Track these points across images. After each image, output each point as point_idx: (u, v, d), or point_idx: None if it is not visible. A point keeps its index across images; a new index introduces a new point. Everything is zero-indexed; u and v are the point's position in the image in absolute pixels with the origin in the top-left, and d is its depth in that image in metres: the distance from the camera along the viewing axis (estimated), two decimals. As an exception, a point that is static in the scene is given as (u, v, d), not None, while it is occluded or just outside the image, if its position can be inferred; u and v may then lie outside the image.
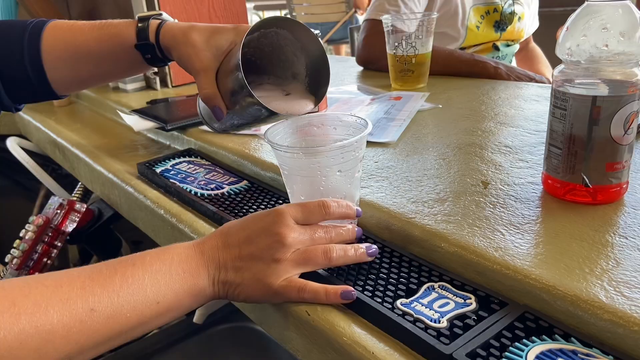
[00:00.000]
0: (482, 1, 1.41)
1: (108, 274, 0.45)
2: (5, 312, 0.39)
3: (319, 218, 0.52)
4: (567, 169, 0.57)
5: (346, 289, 0.48)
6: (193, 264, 0.49)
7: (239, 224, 0.52)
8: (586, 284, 0.44)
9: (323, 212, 0.52)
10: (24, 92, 0.72)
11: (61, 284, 0.43)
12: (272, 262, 0.49)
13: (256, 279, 0.49)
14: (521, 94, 1.02)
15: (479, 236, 0.52)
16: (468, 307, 0.46)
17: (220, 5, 1.32)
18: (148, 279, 0.46)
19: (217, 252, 0.50)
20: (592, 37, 0.52)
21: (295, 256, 0.50)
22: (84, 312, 0.42)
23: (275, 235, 0.49)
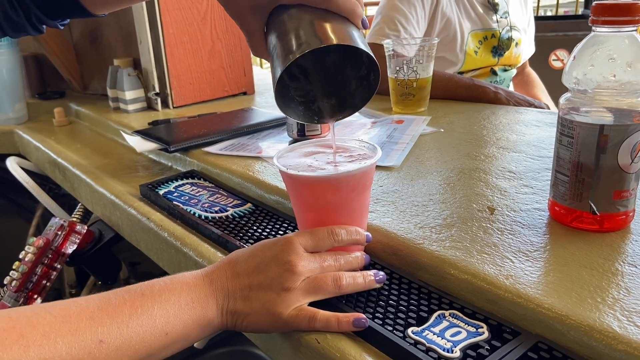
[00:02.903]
0: (480, 27, 1.43)
1: (117, 303, 0.45)
2: (14, 344, 0.38)
3: (328, 245, 0.52)
4: (574, 196, 0.57)
5: (358, 317, 0.48)
6: (202, 294, 0.49)
7: (247, 253, 0.52)
8: (599, 314, 0.44)
9: (332, 239, 0.52)
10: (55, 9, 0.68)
11: (70, 314, 0.42)
12: (282, 291, 0.48)
13: (265, 309, 0.48)
14: (522, 119, 1.02)
15: (489, 263, 0.52)
16: (480, 336, 0.45)
17: (222, 27, 1.33)
18: (157, 309, 0.46)
19: (226, 282, 0.50)
20: (599, 67, 0.53)
21: (305, 284, 0.49)
22: (93, 344, 0.41)
23: (284, 264, 0.49)
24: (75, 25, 1.51)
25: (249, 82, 1.42)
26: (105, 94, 1.37)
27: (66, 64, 1.51)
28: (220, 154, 0.91)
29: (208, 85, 1.34)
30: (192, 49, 1.29)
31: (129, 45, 1.34)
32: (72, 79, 1.54)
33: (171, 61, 1.26)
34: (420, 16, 1.34)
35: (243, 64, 1.40)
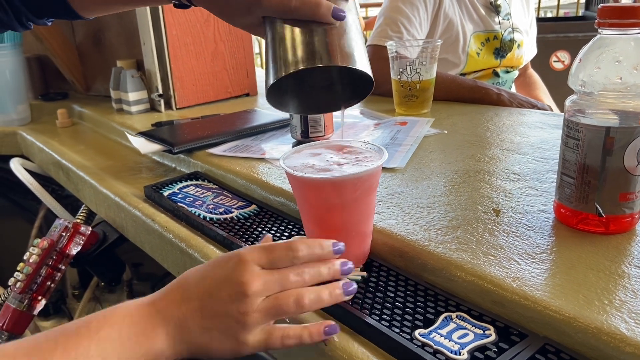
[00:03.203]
0: (483, 29, 1.44)
1: (47, 348, 0.41)
2: None
3: (285, 262, 0.47)
4: (580, 198, 0.57)
5: (328, 324, 0.47)
6: (148, 326, 0.45)
7: (198, 273, 0.48)
8: (606, 316, 0.44)
9: (291, 255, 0.47)
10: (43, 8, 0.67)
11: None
12: (240, 316, 0.45)
13: (227, 337, 0.45)
14: (525, 121, 1.02)
15: (495, 265, 0.52)
16: (488, 338, 0.45)
17: (225, 29, 1.33)
18: (94, 349, 0.42)
19: (176, 308, 0.46)
20: (605, 69, 0.53)
21: (265, 306, 0.45)
22: None
23: (237, 285, 0.45)
24: (79, 27, 1.51)
25: (251, 83, 1.42)
26: (107, 96, 1.38)
27: (69, 66, 1.51)
28: (224, 156, 0.91)
29: (211, 87, 1.35)
30: (195, 50, 1.29)
31: (132, 47, 1.34)
32: (75, 81, 1.54)
33: (174, 63, 1.26)
34: (422, 18, 1.35)
35: (246, 65, 1.40)
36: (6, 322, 0.79)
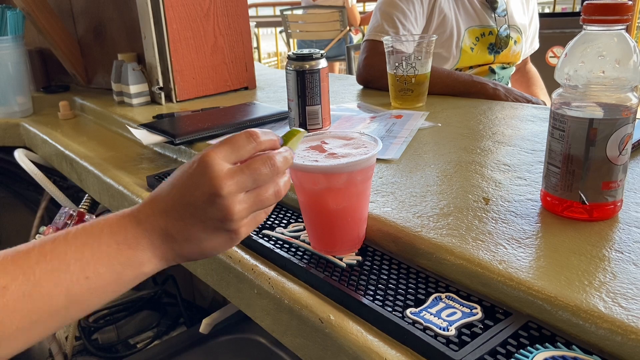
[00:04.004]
0: (478, 23, 1.46)
1: (24, 250, 0.42)
2: None
3: (250, 151, 0.48)
4: (565, 187, 0.60)
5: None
6: (129, 235, 0.45)
7: (166, 185, 0.48)
8: (586, 296, 0.47)
9: (253, 142, 0.48)
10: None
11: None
12: (223, 215, 0.45)
13: (217, 235, 0.47)
14: (517, 115, 1.05)
15: (483, 249, 0.55)
16: (474, 316, 0.48)
17: (225, 23, 1.35)
18: (71, 253, 0.42)
19: (156, 220, 0.46)
20: (589, 64, 0.56)
21: (247, 205, 0.46)
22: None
23: (209, 188, 0.45)
24: (80, 20, 1.53)
25: (250, 77, 1.45)
26: (108, 88, 1.40)
27: (70, 58, 1.54)
28: (224, 147, 0.94)
29: (211, 80, 1.37)
30: (195, 44, 1.31)
31: (133, 41, 1.37)
32: (76, 73, 1.56)
33: (175, 56, 1.28)
34: (418, 13, 1.37)
35: (245, 59, 1.42)
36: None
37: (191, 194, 0.45)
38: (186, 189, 0.46)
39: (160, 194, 0.47)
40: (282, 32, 4.96)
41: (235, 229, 0.47)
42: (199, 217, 0.46)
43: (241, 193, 0.46)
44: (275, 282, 0.58)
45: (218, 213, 0.45)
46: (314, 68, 0.92)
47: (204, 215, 0.45)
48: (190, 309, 1.34)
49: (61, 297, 0.42)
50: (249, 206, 0.47)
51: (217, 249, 0.48)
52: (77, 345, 1.25)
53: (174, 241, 0.46)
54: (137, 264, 0.45)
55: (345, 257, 0.59)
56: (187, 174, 0.46)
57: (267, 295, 0.59)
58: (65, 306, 0.42)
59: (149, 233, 0.46)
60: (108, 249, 0.44)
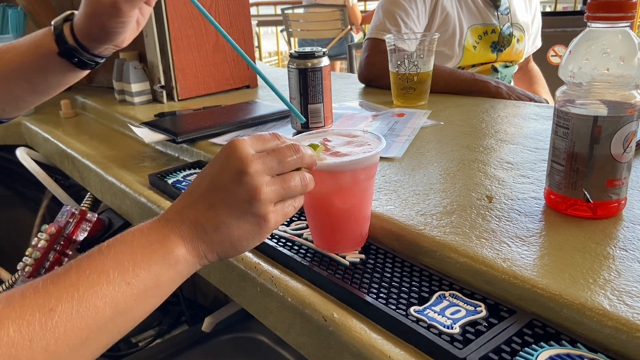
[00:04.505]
0: (481, 22, 1.46)
1: (62, 271, 0.42)
2: None
3: (273, 146, 0.49)
4: (569, 184, 0.60)
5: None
6: (160, 234, 0.45)
7: (197, 178, 0.49)
8: (590, 293, 0.46)
9: (277, 140, 0.50)
10: None
11: (13, 295, 0.39)
12: (250, 195, 0.46)
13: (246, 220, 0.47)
14: (519, 113, 1.05)
15: (487, 247, 0.55)
16: (479, 314, 0.48)
17: (226, 21, 1.35)
18: (109, 263, 0.42)
19: (184, 214, 0.46)
20: (594, 61, 0.55)
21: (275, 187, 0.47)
22: (42, 315, 0.38)
23: (235, 168, 0.46)
24: (81, 19, 1.53)
25: (252, 75, 1.44)
26: (110, 87, 1.40)
27: (72, 57, 1.53)
28: (227, 145, 0.94)
29: (212, 79, 1.37)
30: (197, 42, 1.31)
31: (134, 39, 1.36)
32: (78, 72, 1.56)
33: (176, 55, 1.28)
34: (420, 11, 1.37)
35: (246, 57, 1.42)
36: (15, 305, 0.82)
37: (220, 177, 0.46)
38: (215, 175, 0.47)
39: (190, 188, 0.48)
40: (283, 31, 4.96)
41: (263, 213, 0.47)
42: (228, 200, 0.46)
43: (268, 175, 0.47)
44: (278, 280, 0.58)
45: (245, 194, 0.46)
46: (316, 66, 0.92)
47: (233, 197, 0.46)
48: (192, 307, 1.34)
49: (107, 309, 0.41)
50: (276, 189, 0.47)
51: (247, 238, 0.48)
52: (78, 344, 1.24)
53: (204, 232, 0.46)
54: (173, 261, 0.45)
55: (348, 255, 0.59)
56: (215, 163, 0.48)
57: (270, 293, 0.59)
58: (112, 318, 0.42)
59: (178, 227, 0.46)
60: (143, 250, 0.44)
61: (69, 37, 0.67)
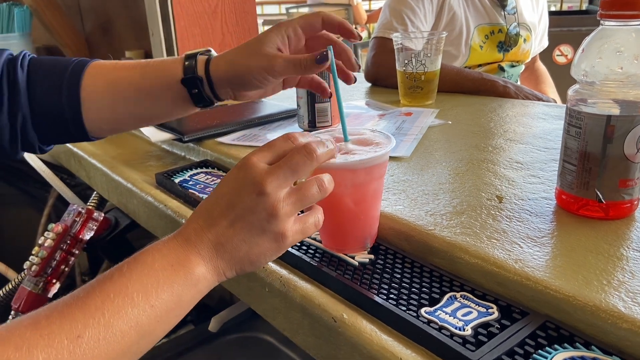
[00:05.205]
0: (488, 21, 1.45)
1: (85, 295, 0.42)
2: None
3: (288, 150, 0.49)
4: (581, 185, 0.59)
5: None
6: (181, 254, 0.45)
7: (212, 197, 0.48)
8: (605, 295, 0.46)
9: (290, 143, 0.49)
10: (55, 132, 0.67)
11: (39, 319, 0.39)
12: (269, 212, 0.46)
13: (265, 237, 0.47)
14: (528, 112, 1.04)
15: (498, 248, 0.54)
16: (491, 316, 0.48)
17: (232, 20, 1.35)
18: (132, 286, 0.42)
19: (204, 234, 0.46)
20: (607, 60, 0.55)
21: (292, 199, 0.47)
22: (70, 342, 0.38)
23: (252, 187, 0.46)
24: (87, 17, 1.53)
25: (258, 74, 1.44)
26: (116, 86, 1.39)
27: (78, 56, 1.53)
28: (233, 144, 0.93)
29: (218, 78, 1.36)
30: (202, 41, 1.31)
31: (140, 38, 1.36)
32: (83, 71, 1.56)
33: (182, 53, 1.27)
34: (427, 10, 1.36)
35: (252, 56, 1.41)
36: (22, 304, 0.82)
37: (238, 197, 0.46)
38: (233, 195, 0.47)
39: (207, 206, 0.48)
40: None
41: (282, 230, 0.47)
42: (247, 219, 0.46)
43: (284, 189, 0.47)
44: (286, 280, 0.58)
45: (264, 213, 0.46)
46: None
47: (252, 217, 0.46)
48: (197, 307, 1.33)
49: (132, 333, 0.41)
50: (294, 201, 0.47)
51: (266, 254, 0.48)
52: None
53: (224, 251, 0.47)
54: (194, 281, 0.45)
55: (357, 255, 0.59)
56: (232, 181, 0.47)
57: (278, 293, 0.58)
58: (137, 341, 0.42)
59: (199, 248, 0.46)
60: (164, 272, 0.44)
61: (200, 69, 0.65)
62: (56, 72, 0.65)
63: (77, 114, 0.65)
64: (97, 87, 0.66)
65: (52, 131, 0.66)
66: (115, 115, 0.67)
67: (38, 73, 0.65)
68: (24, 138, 0.64)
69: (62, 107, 0.64)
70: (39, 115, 0.65)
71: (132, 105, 0.66)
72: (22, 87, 0.64)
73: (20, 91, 0.63)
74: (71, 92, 0.64)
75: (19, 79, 0.63)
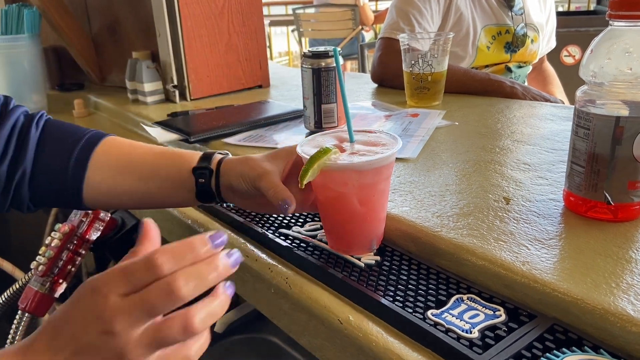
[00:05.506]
0: (495, 22, 1.44)
1: None
2: None
3: (147, 281, 0.39)
4: (589, 186, 0.58)
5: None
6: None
7: (62, 315, 0.41)
8: (613, 298, 0.45)
9: (153, 274, 0.39)
10: (50, 194, 0.66)
11: None
12: (117, 355, 0.39)
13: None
14: (535, 113, 1.04)
15: (506, 250, 0.54)
16: (498, 318, 0.47)
17: (239, 20, 1.35)
18: None
19: (46, 357, 0.40)
20: (616, 60, 0.54)
21: (145, 342, 0.39)
22: None
23: (101, 323, 0.39)
24: (95, 18, 1.54)
25: (264, 75, 1.44)
26: (122, 86, 1.40)
27: (85, 56, 1.54)
28: (239, 145, 0.93)
29: (225, 78, 1.36)
30: (209, 42, 1.31)
31: (147, 38, 1.37)
32: (91, 71, 1.57)
33: (189, 54, 1.28)
34: (434, 11, 1.36)
35: (259, 57, 1.41)
36: (28, 304, 0.82)
37: (84, 331, 0.39)
38: (79, 325, 0.40)
39: (54, 325, 0.41)
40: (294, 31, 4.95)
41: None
42: (95, 357, 0.39)
43: (138, 328, 0.39)
44: (292, 282, 0.58)
45: (110, 354, 0.39)
46: (330, 66, 0.91)
47: (97, 357, 0.39)
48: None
49: None
50: (148, 344, 0.39)
51: None
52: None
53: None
54: None
55: (363, 257, 0.59)
56: (80, 306, 0.40)
57: (284, 294, 0.58)
58: None
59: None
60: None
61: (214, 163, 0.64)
62: (70, 137, 0.65)
63: (78, 181, 0.64)
64: (108, 157, 0.65)
65: (47, 192, 0.65)
66: (116, 189, 0.65)
67: (52, 134, 0.65)
68: (16, 193, 0.63)
69: (66, 171, 0.64)
70: (40, 174, 0.64)
71: (137, 181, 0.65)
72: (32, 143, 0.63)
73: (28, 147, 0.63)
74: (80, 158, 0.64)
75: (31, 135, 0.63)
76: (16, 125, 0.64)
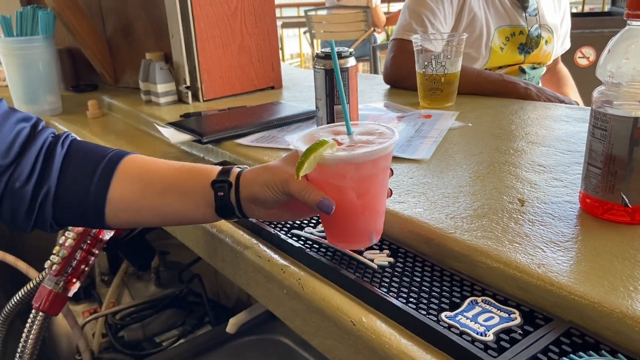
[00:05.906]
0: (508, 23, 1.43)
1: None
2: None
3: None
4: (606, 188, 0.58)
5: None
6: None
7: None
8: (631, 302, 0.44)
9: None
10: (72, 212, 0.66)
11: None
12: None
13: None
14: (550, 115, 1.03)
15: (521, 252, 0.53)
16: (513, 321, 0.47)
17: (252, 22, 1.35)
18: None
19: None
20: (634, 60, 0.53)
21: None
22: None
23: None
24: (109, 20, 1.55)
25: (276, 76, 1.44)
26: (136, 87, 1.41)
27: (99, 58, 1.55)
28: (252, 146, 0.93)
29: (237, 80, 1.37)
30: (222, 43, 1.31)
31: (160, 40, 1.37)
32: (105, 72, 1.58)
33: (202, 55, 1.28)
34: (447, 12, 1.35)
35: (271, 59, 1.42)
36: (42, 303, 0.83)
37: None
38: None
39: None
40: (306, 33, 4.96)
41: None
42: None
43: None
44: (305, 283, 0.57)
45: None
46: (343, 66, 0.91)
47: None
48: (215, 308, 1.34)
49: None
50: None
51: None
52: (103, 342, 1.26)
53: None
54: None
55: (376, 258, 0.58)
56: None
57: (296, 295, 0.58)
58: None
59: None
60: None
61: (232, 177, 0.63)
62: (93, 157, 0.66)
63: (101, 199, 0.64)
64: (129, 174, 0.65)
65: (70, 211, 0.66)
66: (137, 204, 0.65)
67: (76, 154, 0.66)
68: (40, 212, 0.64)
69: (89, 190, 0.64)
70: (64, 193, 0.64)
71: (157, 195, 0.65)
72: (57, 163, 0.64)
73: (53, 167, 0.64)
74: (102, 177, 0.64)
75: (56, 155, 0.64)
76: (43, 146, 0.65)
